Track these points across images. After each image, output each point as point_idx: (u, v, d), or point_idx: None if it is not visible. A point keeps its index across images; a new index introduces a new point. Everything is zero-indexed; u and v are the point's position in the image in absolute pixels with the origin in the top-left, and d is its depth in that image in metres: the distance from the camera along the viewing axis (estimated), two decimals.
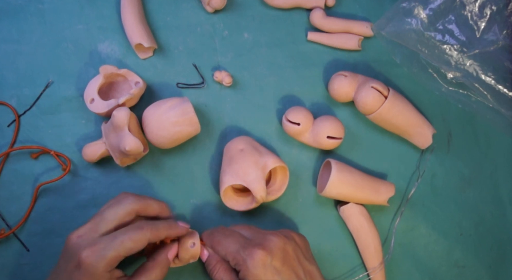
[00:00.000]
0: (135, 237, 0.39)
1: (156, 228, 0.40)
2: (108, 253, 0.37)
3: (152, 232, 0.40)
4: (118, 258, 0.38)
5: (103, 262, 0.37)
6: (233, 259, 0.41)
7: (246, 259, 0.40)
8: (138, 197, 0.43)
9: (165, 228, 0.41)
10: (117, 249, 0.38)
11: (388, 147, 0.55)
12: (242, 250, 0.41)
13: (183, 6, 0.56)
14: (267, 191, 0.49)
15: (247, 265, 0.40)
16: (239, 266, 0.41)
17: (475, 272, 0.53)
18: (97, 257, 0.37)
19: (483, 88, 0.51)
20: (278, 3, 0.56)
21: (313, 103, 0.55)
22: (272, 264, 0.40)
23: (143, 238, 0.39)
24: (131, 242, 0.38)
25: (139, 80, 0.51)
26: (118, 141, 0.46)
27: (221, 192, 0.48)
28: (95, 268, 0.37)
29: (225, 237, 0.43)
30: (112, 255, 0.37)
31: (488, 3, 0.50)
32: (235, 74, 0.55)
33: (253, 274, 0.39)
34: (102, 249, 0.38)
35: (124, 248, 0.38)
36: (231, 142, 0.51)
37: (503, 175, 0.56)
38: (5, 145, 0.51)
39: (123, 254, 0.38)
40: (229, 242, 0.42)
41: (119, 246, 0.38)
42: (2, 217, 0.49)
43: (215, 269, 0.43)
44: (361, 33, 0.56)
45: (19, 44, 0.53)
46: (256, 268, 0.39)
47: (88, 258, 0.37)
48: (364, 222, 0.50)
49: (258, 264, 0.40)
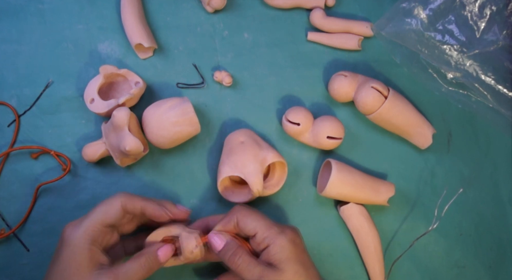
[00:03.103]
0: (108, 201, 0.41)
1: (131, 196, 0.42)
2: (84, 223, 0.39)
3: (125, 198, 0.41)
4: (94, 226, 0.39)
5: (80, 232, 0.39)
6: (264, 232, 0.41)
7: (280, 235, 0.40)
8: (129, 195, 0.42)
9: (140, 198, 0.42)
10: (92, 217, 0.40)
11: (388, 147, 0.55)
12: (275, 226, 0.41)
13: (183, 6, 0.56)
14: (264, 185, 0.49)
15: (281, 239, 0.40)
16: (270, 240, 0.40)
17: (475, 272, 0.53)
18: (75, 228, 0.39)
19: (483, 88, 0.51)
20: (278, 3, 0.56)
21: (313, 103, 0.55)
22: (300, 244, 0.42)
23: (116, 201, 0.41)
24: (105, 206, 0.40)
25: (139, 80, 0.51)
26: (118, 141, 0.46)
27: (218, 183, 0.48)
28: (74, 239, 0.38)
29: (252, 212, 0.43)
30: (87, 223, 0.39)
31: (488, 3, 0.50)
32: (235, 74, 0.55)
33: (287, 248, 0.40)
34: (80, 221, 0.40)
35: (100, 213, 0.40)
36: (232, 133, 0.51)
37: (503, 175, 0.56)
38: (5, 145, 0.51)
39: (98, 220, 0.39)
40: (258, 216, 0.42)
41: (93, 214, 0.40)
42: (2, 217, 0.49)
43: (237, 254, 0.41)
44: (361, 33, 0.56)
45: (19, 44, 0.53)
46: (290, 242, 0.40)
47: (68, 231, 0.39)
48: (364, 222, 0.50)
49: (291, 240, 0.41)
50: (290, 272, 0.39)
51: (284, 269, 0.39)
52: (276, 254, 0.40)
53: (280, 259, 0.40)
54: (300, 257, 0.41)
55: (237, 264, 0.40)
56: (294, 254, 0.40)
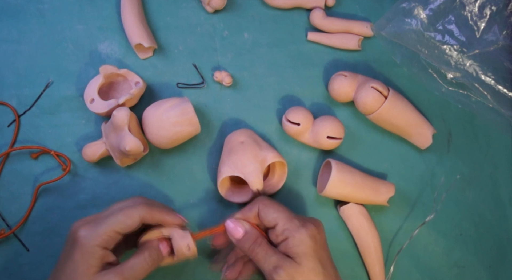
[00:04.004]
0: (128, 212, 0.39)
1: (151, 207, 0.41)
2: (101, 228, 0.38)
3: (146, 210, 0.40)
4: (110, 232, 0.38)
5: (95, 237, 0.38)
6: (285, 224, 0.40)
7: (300, 228, 0.40)
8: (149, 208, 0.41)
9: (160, 210, 0.41)
10: (109, 223, 0.38)
11: (388, 147, 0.55)
12: (296, 219, 0.41)
13: (183, 6, 0.56)
14: (264, 185, 0.49)
15: (301, 233, 0.39)
16: (289, 232, 0.40)
17: (475, 272, 0.53)
18: (91, 232, 0.38)
19: (483, 88, 0.51)
20: (278, 3, 0.56)
21: (313, 103, 0.55)
22: (320, 240, 0.41)
23: (136, 214, 0.39)
24: (124, 216, 0.39)
25: (139, 80, 0.51)
26: (118, 141, 0.46)
27: (218, 183, 0.48)
28: (88, 242, 0.38)
29: (275, 203, 0.42)
30: (103, 229, 0.38)
31: (488, 4, 0.50)
32: (235, 74, 0.55)
33: (306, 243, 0.39)
34: (96, 225, 0.39)
35: (117, 221, 0.39)
36: (233, 133, 0.51)
37: (503, 175, 0.56)
38: (5, 145, 0.51)
39: (116, 229, 0.38)
40: (280, 208, 0.42)
41: (111, 220, 0.39)
42: (2, 217, 0.49)
43: (257, 243, 0.41)
44: (361, 33, 0.56)
45: (19, 44, 0.53)
46: (310, 237, 0.39)
47: (82, 233, 0.38)
48: (364, 222, 0.50)
49: (311, 235, 0.40)
50: (307, 268, 0.38)
51: (301, 263, 0.38)
52: (294, 248, 0.39)
53: (298, 253, 0.39)
54: (319, 254, 0.40)
55: (256, 253, 0.40)
56: (312, 250, 0.39)
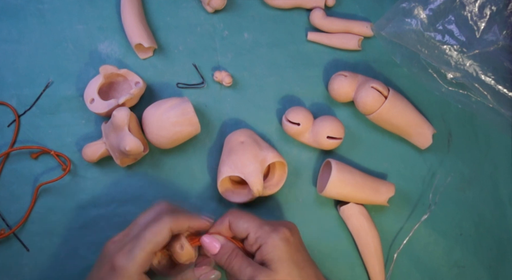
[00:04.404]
0: (156, 229, 0.39)
1: (176, 217, 0.40)
2: (136, 253, 0.38)
3: (172, 222, 0.40)
4: (146, 256, 0.38)
5: (133, 263, 0.37)
6: (256, 232, 0.40)
7: (271, 233, 0.39)
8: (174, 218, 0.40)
9: (186, 217, 0.41)
10: (143, 247, 0.38)
11: (388, 147, 0.55)
12: (267, 225, 0.40)
13: (183, 6, 0.56)
14: (264, 185, 0.49)
15: (273, 238, 0.39)
16: (262, 239, 0.39)
17: (475, 272, 0.53)
18: (128, 259, 0.38)
19: (483, 88, 0.51)
20: (278, 3, 0.56)
21: (313, 103, 0.55)
22: (294, 242, 0.40)
23: (164, 228, 0.39)
24: (153, 234, 0.38)
25: (139, 80, 0.51)
26: (118, 141, 0.46)
27: (218, 183, 0.48)
28: (128, 271, 0.37)
29: (244, 214, 0.42)
30: (140, 254, 0.38)
31: (488, 3, 0.50)
32: (235, 74, 0.55)
33: (279, 248, 0.39)
34: (130, 251, 0.38)
35: (148, 242, 0.38)
36: (233, 133, 0.51)
37: (503, 175, 0.56)
38: (5, 145, 0.51)
39: (150, 250, 0.38)
40: (250, 218, 0.41)
41: (143, 242, 0.38)
42: (2, 217, 0.49)
43: (232, 256, 0.40)
44: (361, 33, 0.56)
45: (19, 44, 0.53)
46: (283, 241, 0.39)
47: (119, 261, 0.38)
48: (364, 222, 0.50)
49: (284, 238, 0.39)
50: (283, 273, 0.38)
51: (277, 269, 0.38)
52: (268, 254, 0.39)
53: (272, 259, 0.39)
54: (294, 257, 0.39)
55: (232, 266, 0.40)
56: (287, 254, 0.39)
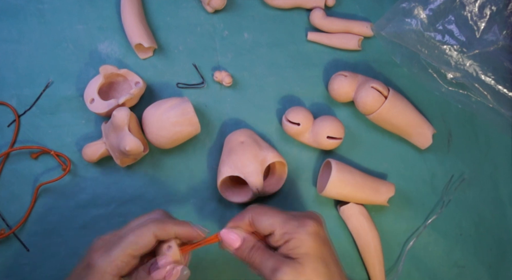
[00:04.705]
0: (139, 232, 0.38)
1: (162, 223, 0.39)
2: (113, 253, 0.37)
3: (157, 226, 0.38)
4: (124, 257, 0.37)
5: (108, 263, 0.36)
6: (282, 228, 0.38)
7: (299, 229, 0.38)
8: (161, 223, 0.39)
9: (173, 224, 0.39)
10: (122, 247, 0.37)
11: (388, 147, 0.55)
12: (292, 220, 0.39)
13: (183, 6, 0.56)
14: (264, 185, 0.49)
15: (301, 233, 0.37)
16: (289, 235, 0.38)
17: (475, 272, 0.53)
18: (104, 257, 0.37)
19: (483, 88, 0.51)
20: (278, 3, 0.56)
21: (313, 103, 0.55)
22: (322, 236, 0.39)
23: (147, 232, 0.38)
24: (135, 237, 0.37)
25: (139, 80, 0.51)
26: (118, 141, 0.46)
27: (218, 183, 0.48)
28: (102, 270, 0.36)
29: (267, 209, 0.41)
30: (117, 254, 0.37)
31: (488, 4, 0.50)
32: (235, 74, 0.55)
33: (307, 242, 0.37)
34: (109, 250, 0.37)
35: (129, 244, 0.37)
36: (233, 133, 0.51)
37: (503, 175, 0.56)
38: (5, 145, 0.51)
39: (129, 252, 0.37)
40: (274, 213, 0.40)
41: (123, 243, 0.37)
42: (2, 217, 0.49)
43: (254, 250, 0.39)
44: (361, 33, 0.56)
45: (19, 44, 0.53)
46: (311, 236, 0.38)
47: (96, 259, 0.37)
48: (364, 222, 0.50)
49: (312, 232, 0.38)
50: (308, 268, 0.36)
51: (303, 263, 0.37)
52: (295, 249, 0.37)
53: (298, 254, 0.37)
54: (321, 253, 0.38)
55: (254, 259, 0.39)
56: (314, 249, 0.37)
